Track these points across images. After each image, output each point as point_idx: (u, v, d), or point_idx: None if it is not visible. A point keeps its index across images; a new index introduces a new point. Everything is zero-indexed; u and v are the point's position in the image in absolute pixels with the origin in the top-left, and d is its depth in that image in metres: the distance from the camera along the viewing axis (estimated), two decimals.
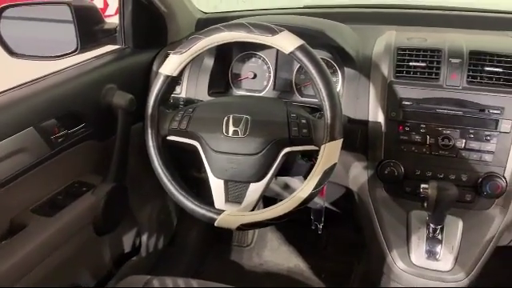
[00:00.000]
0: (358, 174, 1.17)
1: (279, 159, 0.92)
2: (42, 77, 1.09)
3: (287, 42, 0.90)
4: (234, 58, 1.31)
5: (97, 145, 1.17)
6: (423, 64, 1.10)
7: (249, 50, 1.30)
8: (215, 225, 0.92)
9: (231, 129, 0.93)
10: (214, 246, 1.89)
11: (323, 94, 0.88)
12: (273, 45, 0.92)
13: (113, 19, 1.34)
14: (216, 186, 0.95)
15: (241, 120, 0.94)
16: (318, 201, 1.43)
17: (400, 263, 1.04)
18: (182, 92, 1.27)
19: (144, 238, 1.53)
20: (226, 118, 0.95)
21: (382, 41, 1.21)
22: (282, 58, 1.27)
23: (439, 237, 1.03)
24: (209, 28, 0.95)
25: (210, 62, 1.26)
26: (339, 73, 1.21)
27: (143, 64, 1.33)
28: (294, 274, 1.77)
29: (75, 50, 1.17)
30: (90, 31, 1.21)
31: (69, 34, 1.15)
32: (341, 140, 0.89)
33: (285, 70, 1.27)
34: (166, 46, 1.39)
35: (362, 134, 1.13)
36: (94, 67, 1.21)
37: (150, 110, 0.99)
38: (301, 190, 0.88)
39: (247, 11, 1.60)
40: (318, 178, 0.88)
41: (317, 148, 0.90)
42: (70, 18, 1.14)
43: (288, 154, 0.93)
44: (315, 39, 1.09)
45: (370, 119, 1.12)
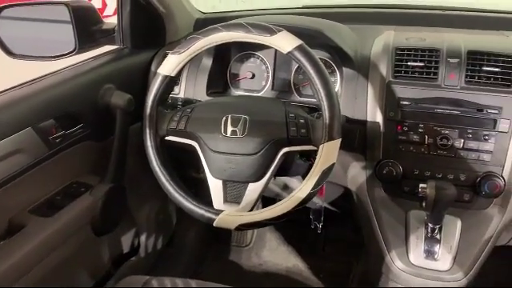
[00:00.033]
0: (357, 174, 1.17)
1: (278, 159, 0.92)
2: (40, 77, 1.09)
3: (285, 42, 0.90)
4: (232, 58, 1.31)
5: (95, 145, 1.17)
6: (421, 64, 1.10)
7: (247, 50, 1.29)
8: (214, 225, 0.92)
9: (229, 129, 0.93)
10: (212, 246, 1.89)
11: (321, 93, 0.88)
12: (271, 45, 0.92)
13: (111, 19, 1.34)
14: (214, 186, 0.95)
15: (239, 120, 0.94)
16: (317, 200, 1.43)
17: (398, 263, 1.04)
18: (180, 92, 1.27)
19: (142, 238, 1.53)
20: (224, 118, 0.95)
21: (380, 41, 1.21)
22: (281, 58, 1.27)
23: (438, 236, 1.03)
24: (207, 28, 0.95)
25: (208, 62, 1.26)
26: (337, 73, 1.21)
27: (141, 64, 1.33)
28: (292, 274, 1.77)
29: (73, 51, 1.17)
30: (88, 31, 1.21)
31: (67, 35, 1.15)
32: (339, 140, 0.89)
33: (283, 70, 1.27)
34: (164, 46, 1.39)
35: (360, 134, 1.13)
36: (92, 67, 1.21)
37: (148, 110, 0.98)
38: (299, 190, 0.89)
39: (246, 11, 1.60)
40: (316, 177, 0.88)
41: (315, 148, 0.90)
42: (68, 19, 1.14)
43: (286, 153, 0.93)
44: (313, 39, 1.09)
45: (369, 119, 1.12)
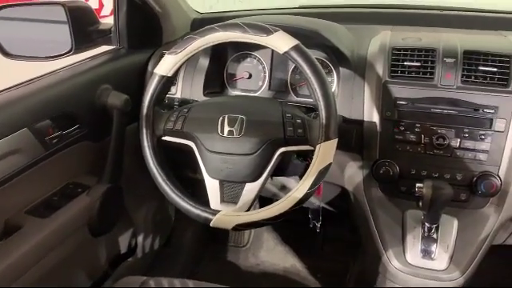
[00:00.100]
0: (354, 174, 1.17)
1: (274, 159, 0.92)
2: (37, 77, 1.09)
3: (282, 42, 0.90)
4: (229, 58, 1.31)
5: (92, 145, 1.16)
6: (418, 64, 1.10)
7: (244, 50, 1.29)
8: (211, 225, 0.92)
9: (226, 129, 0.93)
10: (209, 247, 1.89)
11: (318, 94, 0.88)
12: (267, 45, 0.92)
13: (108, 20, 1.33)
14: (211, 186, 0.95)
15: (236, 120, 0.94)
16: (315, 200, 1.43)
17: (395, 262, 1.05)
18: (177, 92, 1.27)
19: (140, 238, 1.53)
20: (221, 118, 0.95)
21: (376, 41, 1.21)
22: (278, 58, 1.27)
23: (434, 236, 1.03)
24: (204, 28, 0.95)
25: (205, 62, 1.26)
26: (334, 73, 1.21)
27: (138, 64, 1.33)
28: (290, 274, 1.77)
29: (70, 51, 1.16)
30: (84, 32, 1.20)
31: (63, 35, 1.15)
32: (336, 140, 0.89)
33: (280, 70, 1.27)
34: (161, 46, 1.39)
35: (357, 134, 1.13)
36: (89, 68, 1.20)
37: (145, 110, 0.98)
38: (296, 190, 0.89)
39: (242, 11, 1.59)
40: (313, 177, 0.88)
41: (312, 148, 0.90)
42: (65, 19, 1.14)
43: (283, 153, 0.93)
44: (310, 39, 1.09)
45: (365, 119, 1.12)
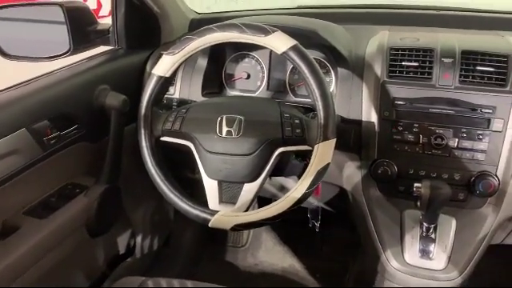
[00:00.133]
0: (352, 174, 1.17)
1: (273, 159, 0.92)
2: (35, 78, 1.09)
3: (280, 43, 0.90)
4: (227, 59, 1.31)
5: (90, 146, 1.16)
6: (416, 64, 1.10)
7: (242, 50, 1.29)
8: (209, 225, 0.92)
9: (225, 129, 0.93)
10: (208, 247, 1.89)
11: (316, 94, 0.88)
12: (266, 45, 0.92)
13: (107, 20, 1.33)
14: (210, 186, 0.95)
15: (234, 120, 0.94)
16: (314, 200, 1.43)
17: (394, 262, 1.05)
18: (175, 93, 1.27)
19: (138, 239, 1.53)
20: (219, 119, 0.95)
21: (374, 41, 1.21)
22: (276, 59, 1.27)
23: (432, 236, 1.03)
24: (202, 28, 0.95)
25: (203, 62, 1.26)
26: (332, 73, 1.21)
27: (136, 65, 1.33)
28: (288, 274, 1.77)
29: (67, 51, 1.16)
30: (82, 32, 1.20)
31: (61, 35, 1.15)
32: (334, 140, 0.89)
33: (278, 71, 1.27)
34: (159, 46, 1.39)
35: (355, 134, 1.13)
36: (87, 68, 1.20)
37: (143, 110, 0.98)
38: (295, 190, 0.89)
39: (240, 11, 1.59)
40: (311, 178, 0.88)
41: (310, 148, 0.90)
42: (63, 19, 1.14)
43: (282, 154, 0.93)
44: (308, 39, 1.09)
45: (364, 119, 1.12)
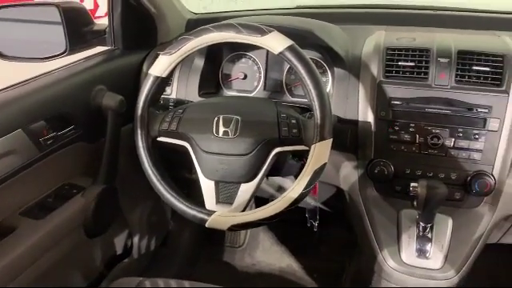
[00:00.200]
0: (349, 174, 1.17)
1: (270, 159, 0.92)
2: (31, 78, 1.08)
3: (276, 43, 0.90)
4: (224, 59, 1.31)
5: (87, 147, 1.16)
6: (412, 64, 1.11)
7: (239, 50, 1.29)
8: (206, 226, 0.92)
9: (221, 129, 0.93)
10: (206, 247, 1.89)
11: (313, 94, 0.88)
12: (262, 45, 0.92)
13: (103, 20, 1.33)
14: (207, 186, 0.95)
15: (231, 120, 0.94)
16: (311, 200, 1.43)
17: (391, 262, 1.05)
18: (172, 93, 1.27)
19: (135, 239, 1.52)
20: (216, 119, 0.95)
21: (371, 41, 1.21)
22: (272, 59, 1.27)
23: (429, 235, 1.03)
24: (198, 29, 0.95)
25: (200, 62, 1.26)
26: (329, 73, 1.22)
27: (133, 65, 1.33)
28: (286, 274, 1.77)
29: (64, 52, 1.16)
30: (79, 32, 1.20)
31: (57, 36, 1.15)
32: (330, 140, 0.89)
33: (275, 71, 1.27)
34: (155, 46, 1.39)
35: (351, 134, 1.14)
36: (84, 68, 1.20)
37: (139, 111, 0.98)
38: (291, 190, 0.89)
39: (237, 12, 1.59)
40: (308, 177, 0.88)
41: (307, 148, 0.90)
42: (59, 20, 1.14)
43: (278, 154, 0.93)
44: (305, 39, 1.10)
45: (360, 119, 1.13)
